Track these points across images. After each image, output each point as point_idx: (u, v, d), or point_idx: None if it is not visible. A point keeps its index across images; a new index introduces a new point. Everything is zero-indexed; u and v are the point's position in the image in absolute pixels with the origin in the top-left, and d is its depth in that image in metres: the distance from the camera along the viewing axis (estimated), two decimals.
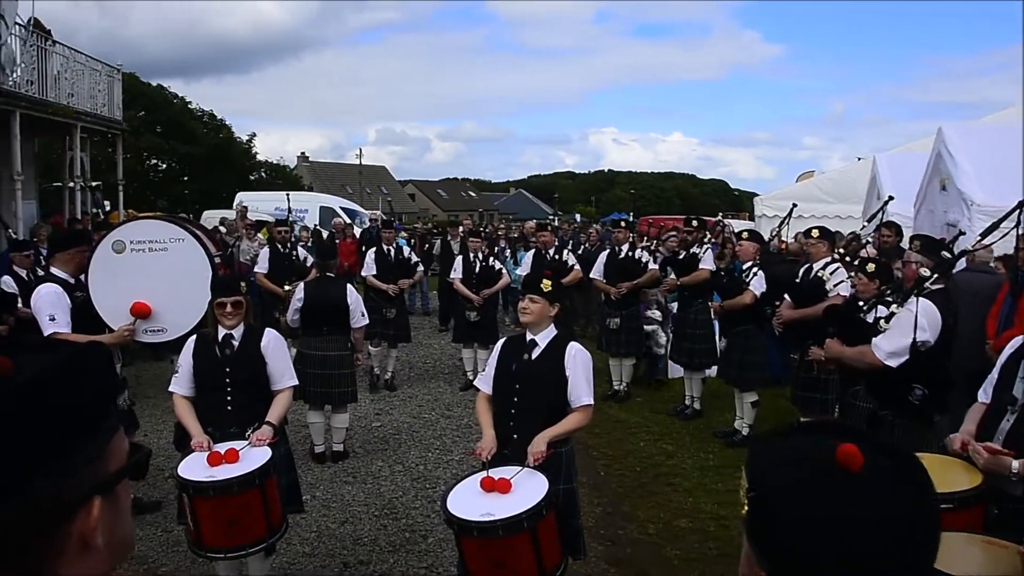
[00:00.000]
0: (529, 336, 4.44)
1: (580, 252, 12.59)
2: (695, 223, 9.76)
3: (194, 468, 4.29)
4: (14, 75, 13.02)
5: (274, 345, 4.88)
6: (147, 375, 10.45)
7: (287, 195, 12.49)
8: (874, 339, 4.67)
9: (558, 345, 4.39)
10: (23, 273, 8.70)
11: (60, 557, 0.96)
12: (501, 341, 4.69)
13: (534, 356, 4.39)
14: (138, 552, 5.74)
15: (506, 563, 3.84)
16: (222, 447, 4.42)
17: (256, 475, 4.20)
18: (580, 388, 4.29)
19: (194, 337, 4.94)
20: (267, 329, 4.93)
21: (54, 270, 5.79)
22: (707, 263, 8.92)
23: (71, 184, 16.30)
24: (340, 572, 5.49)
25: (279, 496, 4.45)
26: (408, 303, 12.87)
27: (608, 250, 10.24)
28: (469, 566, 3.93)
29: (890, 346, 4.58)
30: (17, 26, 13.30)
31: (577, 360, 4.32)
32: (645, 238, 11.42)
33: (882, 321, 4.70)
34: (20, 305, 8.15)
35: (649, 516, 6.42)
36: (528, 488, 3.94)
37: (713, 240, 9.80)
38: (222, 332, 4.80)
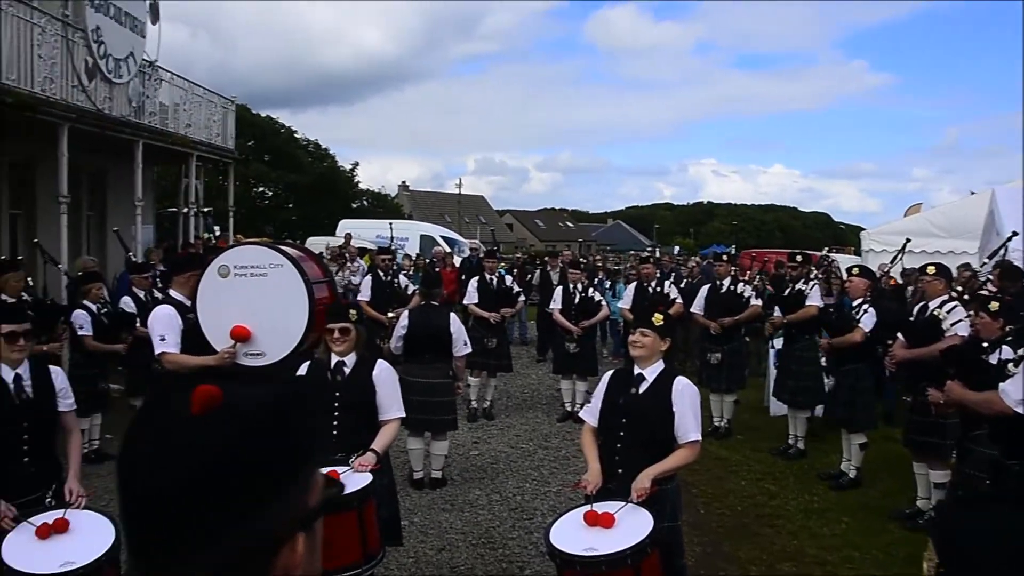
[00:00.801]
0: (637, 370, 4.40)
1: (682, 286, 12.44)
2: (799, 258, 9.55)
3: None
4: (139, 108, 13.68)
5: (386, 376, 4.94)
6: None
7: (390, 224, 12.71)
8: (1003, 384, 4.44)
9: (665, 380, 4.33)
10: (141, 294, 9.09)
11: None
12: (608, 374, 4.65)
13: (641, 390, 4.34)
14: None
15: None
16: (324, 470, 4.45)
17: (354, 497, 4.23)
18: (687, 424, 4.23)
19: (308, 362, 5.04)
20: (380, 360, 4.99)
21: (172, 292, 6.01)
22: (814, 299, 8.70)
23: (185, 210, 16.97)
24: None
25: (377, 524, 4.47)
26: (507, 332, 12.92)
27: (710, 284, 10.09)
28: None
29: (1021, 393, 4.35)
30: (144, 62, 14.00)
31: (685, 395, 4.26)
32: (748, 272, 11.22)
33: (1010, 365, 4.47)
34: (138, 325, 8.51)
35: (751, 558, 6.25)
36: (632, 524, 3.88)
37: (819, 275, 9.53)
38: (335, 359, 4.89)
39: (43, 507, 4.13)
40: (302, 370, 4.98)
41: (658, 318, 4.41)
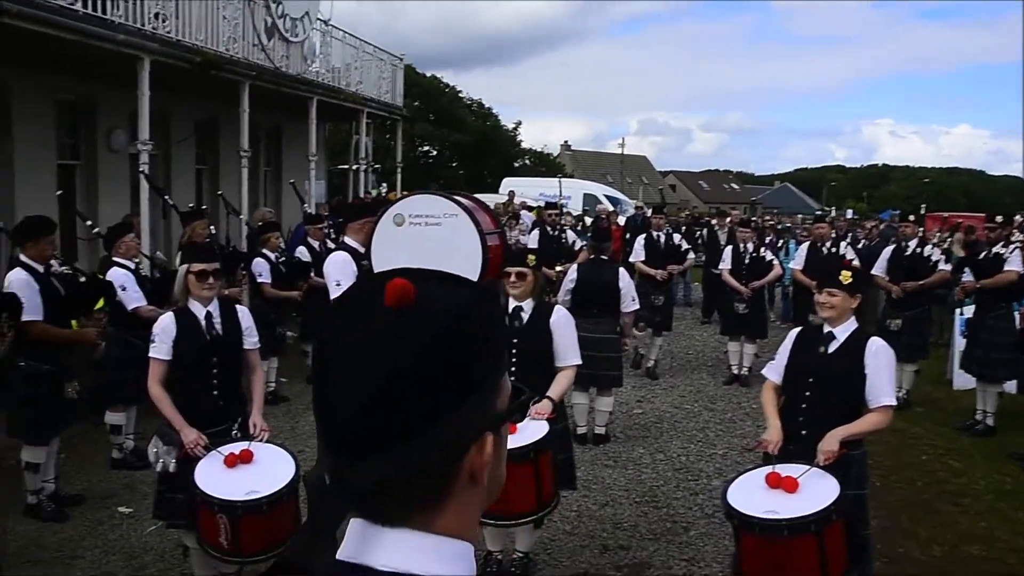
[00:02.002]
0: (827, 328, 4.16)
1: (859, 247, 11.81)
2: (999, 218, 8.86)
3: None
4: (314, 65, 14.08)
5: (563, 322, 4.90)
6: None
7: (559, 179, 12.64)
8: None
9: (858, 339, 4.08)
10: (316, 244, 9.39)
11: (453, 486, 0.97)
12: (795, 331, 4.44)
13: (831, 350, 4.11)
14: None
15: (785, 565, 3.62)
16: None
17: (531, 448, 4.22)
18: (881, 387, 3.97)
19: None
20: (558, 306, 4.96)
21: (347, 239, 6.15)
22: (1014, 264, 8.04)
23: (355, 166, 17.43)
24: (599, 554, 5.45)
25: (552, 472, 4.46)
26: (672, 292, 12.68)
27: (894, 246, 9.52)
28: (744, 564, 3.74)
29: None
30: (319, 21, 14.39)
31: (880, 357, 4.00)
32: (938, 235, 10.54)
33: None
34: (312, 275, 8.81)
35: (932, 536, 5.89)
36: (817, 489, 3.68)
37: (1022, 240, 8.82)
38: (512, 304, 4.88)
39: (229, 438, 4.33)
40: None
41: (846, 275, 4.16)
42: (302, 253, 9.20)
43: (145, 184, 9.27)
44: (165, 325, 4.35)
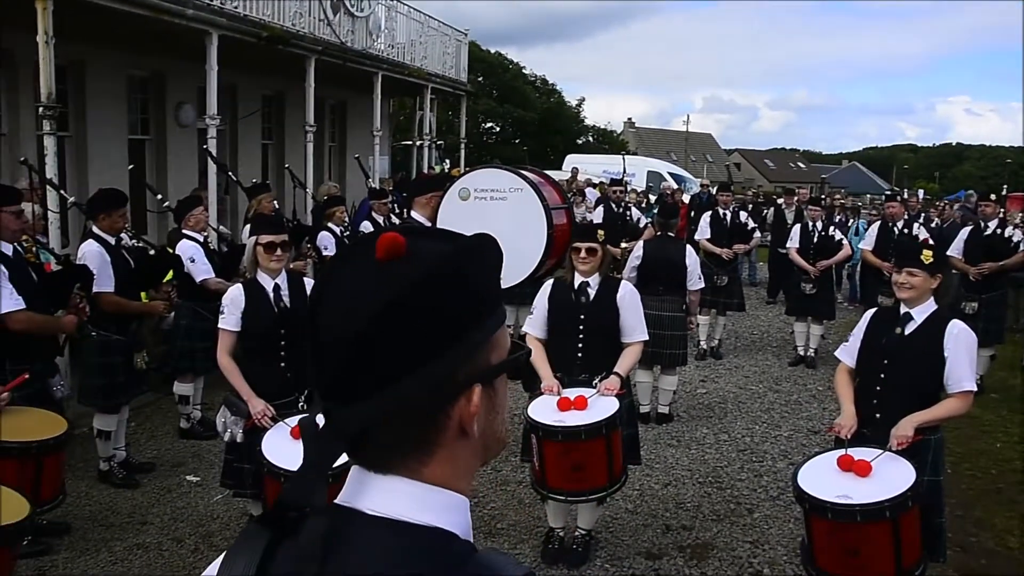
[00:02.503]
0: (903, 309, 4.02)
1: (932, 227, 11.47)
2: None
3: (543, 411, 4.38)
4: (379, 40, 14.10)
5: (630, 298, 4.85)
6: None
7: (623, 155, 12.50)
8: None
9: (937, 322, 3.94)
10: (380, 219, 9.42)
11: (441, 435, 1.00)
12: (870, 312, 4.31)
13: (907, 331, 3.97)
14: None
15: (860, 551, 3.52)
16: (571, 393, 4.47)
17: (604, 425, 4.21)
18: (960, 371, 3.83)
19: (551, 281, 5.02)
20: (624, 281, 4.90)
21: (414, 213, 6.14)
22: None
23: (419, 142, 17.46)
24: (662, 534, 5.39)
25: (622, 447, 4.43)
26: (738, 271, 12.48)
27: (972, 226, 9.21)
28: (816, 549, 3.65)
29: None
30: None
31: (960, 340, 3.86)
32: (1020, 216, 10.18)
33: None
34: None
35: (1008, 527, 5.71)
36: (891, 474, 3.57)
37: None
38: (578, 279, 4.83)
39: (296, 410, 4.36)
40: (545, 289, 4.97)
41: (927, 255, 4.01)
42: (366, 227, 9.22)
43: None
44: (234, 296, 4.39)
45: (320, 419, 1.00)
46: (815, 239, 9.67)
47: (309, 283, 4.66)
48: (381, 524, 0.97)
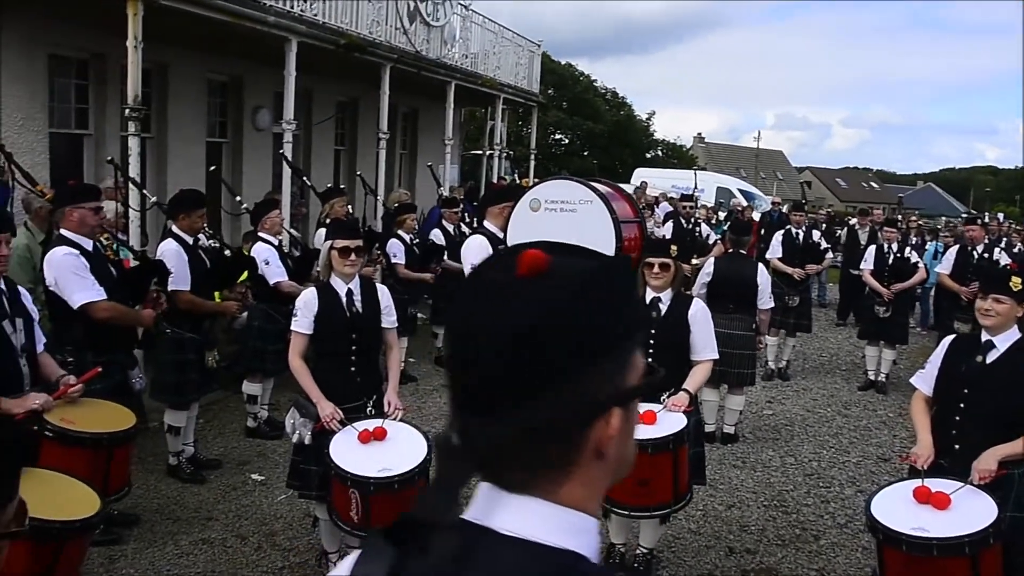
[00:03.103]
0: (985, 336, 3.89)
1: (1015, 251, 11.13)
2: None
3: None
4: (453, 50, 14.20)
5: (701, 315, 4.81)
6: None
7: (695, 171, 12.40)
8: None
9: (1022, 350, 3.80)
10: (450, 228, 9.47)
11: (578, 456, 0.99)
12: (949, 338, 4.18)
13: (989, 360, 3.85)
14: None
15: None
16: (641, 407, 4.42)
17: (672, 440, 4.16)
18: None
19: None
20: (695, 298, 4.86)
21: (486, 223, 6.16)
22: None
23: (489, 152, 17.54)
24: (725, 556, 5.32)
25: (688, 465, 4.37)
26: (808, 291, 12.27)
27: None
28: None
29: None
30: (459, 5, 14.50)
31: None
32: None
33: None
34: (445, 257, 8.89)
35: None
36: (971, 509, 3.46)
37: None
38: (650, 295, 4.80)
39: (364, 415, 4.39)
40: None
41: (1016, 282, 3.87)
42: (436, 236, 9.29)
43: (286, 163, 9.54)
44: (308, 300, 4.43)
45: (454, 436, 0.98)
46: (890, 261, 9.45)
47: (382, 289, 4.69)
48: (514, 544, 0.96)
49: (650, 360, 4.11)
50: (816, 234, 10.35)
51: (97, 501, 3.46)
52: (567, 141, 48.36)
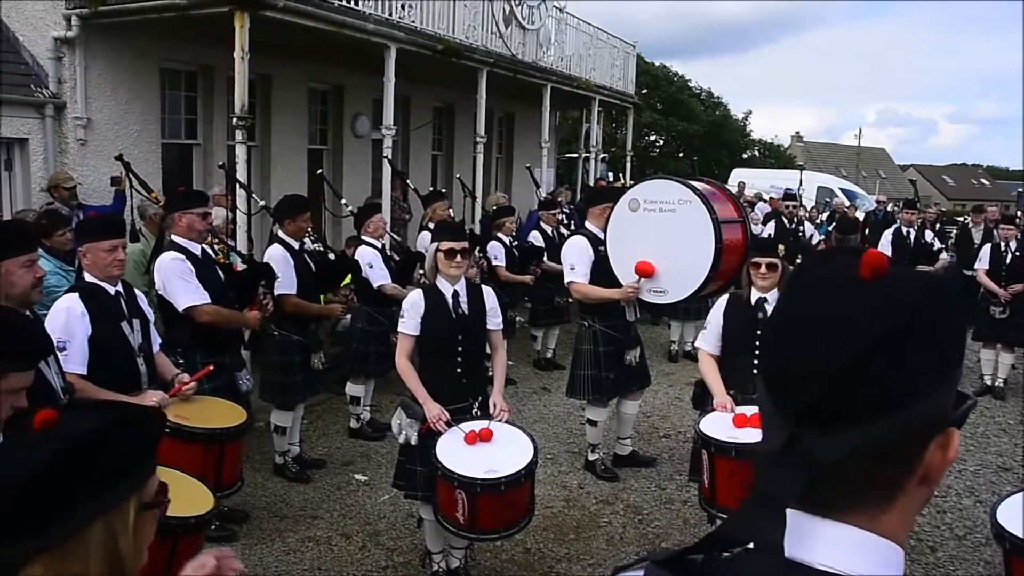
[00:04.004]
0: None
1: None
2: None
3: (717, 427, 4.27)
4: (549, 52, 14.20)
5: None
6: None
7: (800, 171, 12.10)
8: None
9: None
10: (549, 230, 9.46)
11: (907, 480, 0.92)
12: None
13: None
14: (632, 502, 5.93)
15: None
16: (747, 410, 4.34)
17: None
18: None
19: (727, 296, 4.89)
20: None
21: (588, 224, 6.12)
22: None
23: (585, 154, 17.48)
24: None
25: None
26: None
27: None
28: None
29: None
30: (554, 8, 14.50)
31: None
32: None
33: None
34: (545, 259, 8.89)
35: None
36: None
37: None
38: (756, 295, 4.69)
39: (470, 416, 4.39)
40: (720, 304, 4.86)
41: None
42: (535, 238, 9.29)
43: (386, 167, 9.67)
44: (414, 301, 4.47)
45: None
46: (1008, 260, 9.04)
47: (487, 291, 4.68)
48: None
49: (756, 363, 4.03)
50: (929, 234, 9.98)
51: (211, 499, 3.56)
52: (662, 142, 47.92)
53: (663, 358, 9.71)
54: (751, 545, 0.90)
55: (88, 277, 4.13)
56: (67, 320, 3.83)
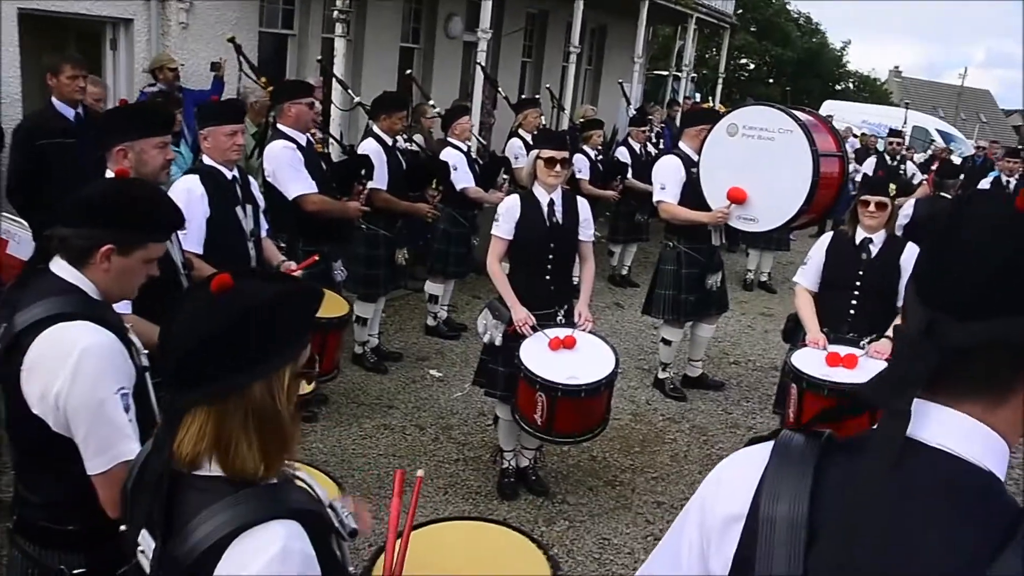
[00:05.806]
0: None
1: None
2: None
3: (810, 363, 4.29)
4: None
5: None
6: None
7: (905, 105, 11.72)
8: None
9: None
10: (636, 147, 9.37)
11: (1021, 384, 1.01)
12: None
13: None
14: (698, 423, 6.02)
15: None
16: (841, 350, 4.34)
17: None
18: None
19: (830, 232, 4.85)
20: (911, 244, 4.65)
21: (682, 144, 6.07)
22: None
23: (677, 73, 17.12)
24: None
25: None
26: None
27: None
28: None
29: None
30: None
31: None
32: None
33: None
34: (630, 176, 8.84)
35: None
36: None
37: None
38: (861, 234, 4.64)
39: (554, 323, 4.48)
40: (824, 241, 4.83)
41: None
42: (622, 154, 9.21)
43: (478, 71, 9.62)
44: (510, 206, 4.52)
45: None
46: None
47: (582, 202, 4.69)
48: (946, 458, 1.01)
49: (854, 300, 4.02)
50: None
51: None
52: (752, 66, 46.43)
53: (737, 285, 9.65)
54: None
55: (207, 160, 4.24)
56: (188, 200, 3.92)
